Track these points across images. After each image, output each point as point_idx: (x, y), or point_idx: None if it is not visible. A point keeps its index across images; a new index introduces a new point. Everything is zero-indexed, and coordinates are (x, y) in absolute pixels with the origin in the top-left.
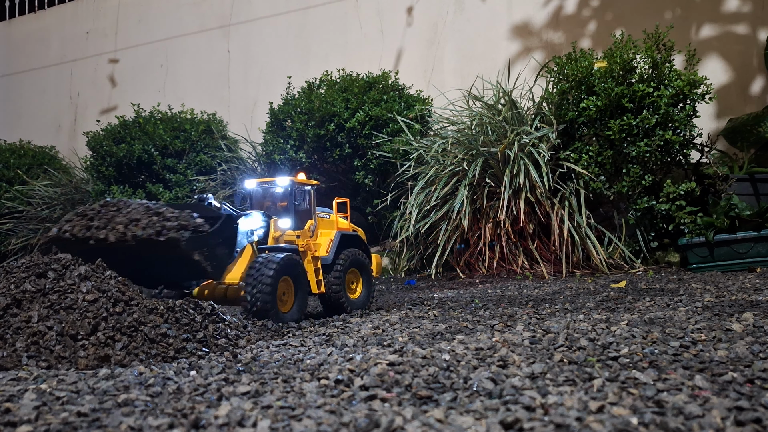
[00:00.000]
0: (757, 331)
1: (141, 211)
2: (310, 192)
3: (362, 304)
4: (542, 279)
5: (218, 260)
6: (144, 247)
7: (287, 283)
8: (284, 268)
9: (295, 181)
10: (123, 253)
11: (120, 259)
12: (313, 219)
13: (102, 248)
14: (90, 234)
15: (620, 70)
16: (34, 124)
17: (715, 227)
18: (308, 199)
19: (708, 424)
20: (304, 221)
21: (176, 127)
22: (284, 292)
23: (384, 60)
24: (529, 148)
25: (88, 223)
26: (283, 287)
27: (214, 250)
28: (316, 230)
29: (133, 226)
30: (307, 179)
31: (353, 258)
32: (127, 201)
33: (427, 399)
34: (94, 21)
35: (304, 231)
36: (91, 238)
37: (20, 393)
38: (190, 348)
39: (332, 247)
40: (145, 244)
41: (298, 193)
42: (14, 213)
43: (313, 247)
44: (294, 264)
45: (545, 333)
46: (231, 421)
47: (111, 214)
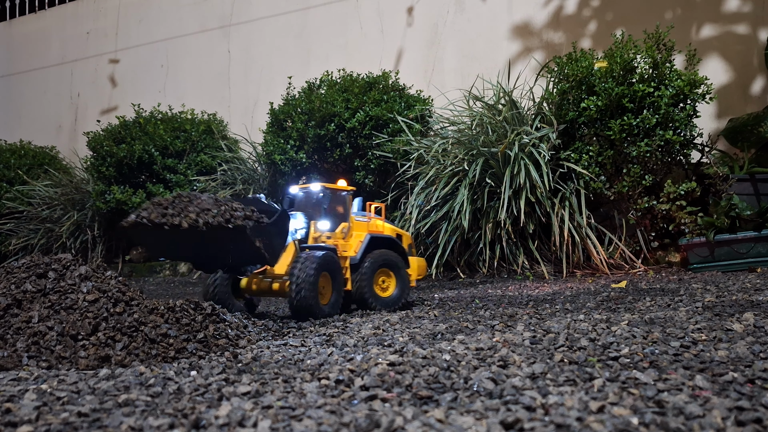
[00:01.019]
0: (758, 331)
1: (211, 202)
2: (347, 197)
3: (393, 303)
4: (543, 279)
5: (274, 249)
6: (212, 234)
7: (326, 278)
8: (324, 265)
9: (332, 188)
10: (192, 238)
11: (188, 244)
12: (348, 222)
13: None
14: (165, 220)
15: (621, 70)
16: (35, 125)
17: (716, 227)
18: (344, 203)
19: (708, 424)
20: (338, 224)
21: (177, 128)
22: (323, 287)
23: (384, 60)
24: (530, 148)
25: (163, 210)
26: (323, 282)
27: (272, 239)
28: (349, 232)
29: (204, 215)
30: (346, 186)
31: (383, 258)
32: (197, 194)
33: (427, 399)
34: (95, 21)
35: (335, 233)
36: (166, 224)
37: (21, 393)
38: (191, 348)
39: (361, 248)
40: (214, 230)
41: (334, 198)
42: (15, 213)
43: (343, 248)
44: (332, 261)
45: (546, 333)
46: (231, 422)
47: (184, 204)
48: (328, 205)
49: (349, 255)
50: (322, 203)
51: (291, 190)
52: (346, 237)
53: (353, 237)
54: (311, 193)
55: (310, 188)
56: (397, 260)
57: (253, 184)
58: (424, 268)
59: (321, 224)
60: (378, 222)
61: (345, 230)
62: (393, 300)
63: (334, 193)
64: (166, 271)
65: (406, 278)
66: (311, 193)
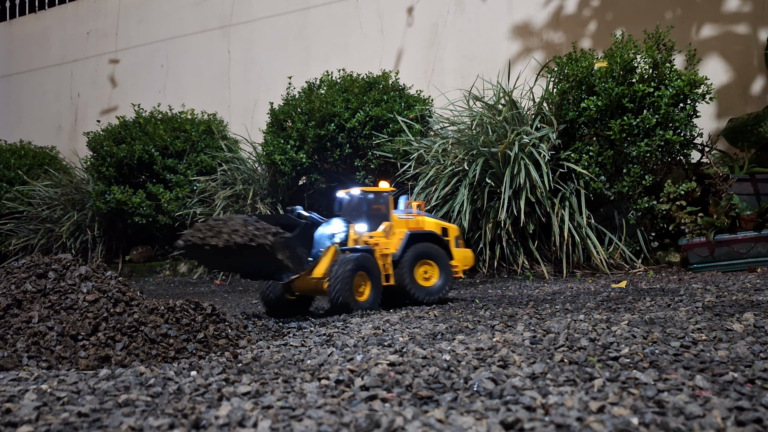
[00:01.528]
0: (758, 331)
1: (240, 223)
2: (388, 198)
3: (436, 292)
4: (543, 279)
5: (298, 258)
6: (243, 250)
7: (363, 277)
8: (359, 265)
9: (373, 191)
10: (228, 254)
11: (230, 258)
12: (389, 221)
13: (214, 251)
14: (205, 241)
15: (621, 70)
16: (35, 125)
17: (716, 227)
18: (386, 204)
19: (709, 424)
20: (379, 223)
21: (177, 128)
22: (360, 285)
23: (384, 60)
24: (530, 148)
25: (203, 233)
26: (360, 280)
27: (295, 251)
28: (391, 231)
29: (234, 235)
30: (388, 187)
31: (421, 251)
32: (232, 216)
33: (427, 399)
34: (95, 21)
35: (378, 232)
36: (206, 244)
37: (21, 393)
38: (191, 348)
39: (401, 245)
40: (243, 247)
41: (375, 200)
42: (15, 213)
43: (383, 246)
44: (368, 261)
45: (546, 333)
46: (231, 422)
47: (219, 227)
48: (370, 207)
49: (390, 252)
50: (362, 206)
51: (338, 195)
52: (388, 235)
53: (395, 235)
54: (354, 196)
55: (352, 192)
56: (438, 252)
57: (253, 184)
58: (470, 258)
59: (359, 227)
60: (421, 218)
61: (387, 229)
62: (436, 289)
63: (376, 195)
64: (166, 272)
65: (448, 269)
66: (354, 197)
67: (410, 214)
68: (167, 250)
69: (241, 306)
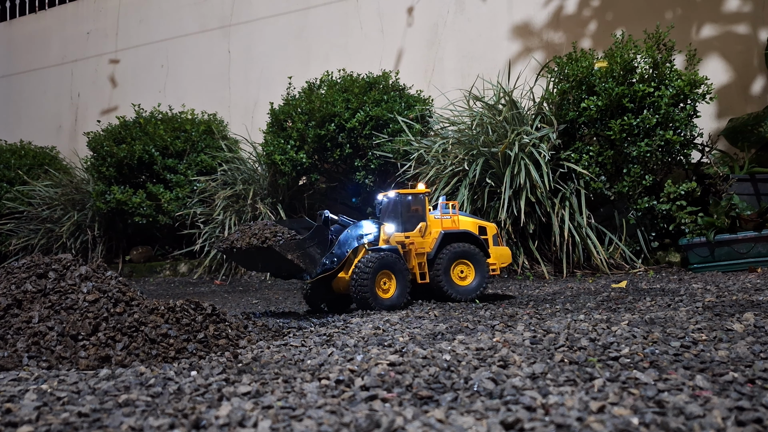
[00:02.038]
0: (758, 331)
1: (260, 227)
2: (424, 199)
3: (473, 290)
4: (543, 279)
5: (311, 258)
6: (260, 252)
7: (388, 275)
8: (381, 265)
9: (407, 193)
10: (253, 255)
11: (255, 259)
12: (425, 221)
13: (241, 253)
14: (233, 245)
15: (621, 70)
16: (35, 125)
17: (716, 227)
18: (422, 205)
19: (709, 425)
20: (416, 224)
21: (177, 128)
22: (385, 282)
23: (384, 60)
24: (530, 148)
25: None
26: (384, 279)
27: (306, 251)
28: (426, 231)
29: (253, 238)
30: (424, 189)
31: (458, 251)
32: (257, 222)
33: (427, 399)
34: (95, 21)
35: (414, 232)
36: (233, 247)
37: (21, 393)
38: (191, 348)
39: (435, 245)
40: (259, 249)
41: (411, 201)
42: (15, 213)
43: (418, 245)
44: (391, 260)
45: (546, 333)
46: (232, 422)
47: (245, 231)
48: (407, 208)
49: (426, 251)
50: (399, 207)
51: (378, 197)
52: (424, 235)
53: (430, 235)
54: (391, 198)
55: (389, 194)
56: (474, 251)
57: (254, 184)
58: (507, 255)
59: (388, 227)
60: (457, 218)
61: (423, 229)
62: (472, 288)
63: (412, 197)
64: (166, 272)
65: (485, 268)
66: (391, 199)
67: (446, 214)
68: (167, 250)
69: (242, 306)
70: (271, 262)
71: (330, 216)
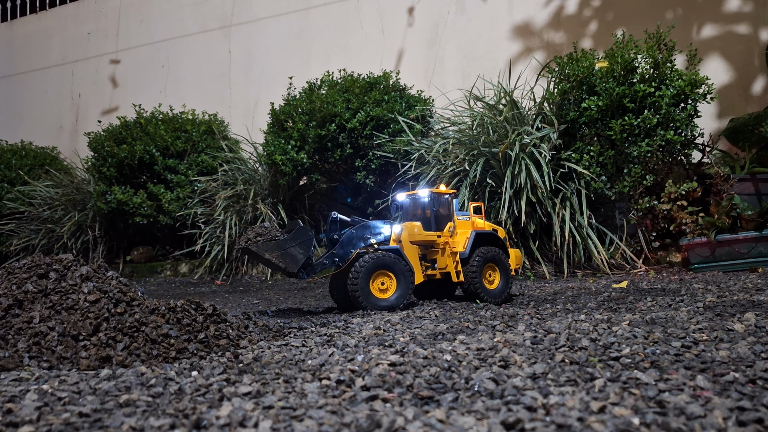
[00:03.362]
0: (759, 331)
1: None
2: (449, 199)
3: (499, 294)
4: (544, 279)
5: (292, 257)
6: (246, 251)
7: (388, 275)
8: (376, 265)
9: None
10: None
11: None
12: (452, 221)
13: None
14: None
15: (621, 70)
16: (36, 125)
17: (717, 227)
18: (447, 205)
19: (710, 425)
20: (444, 224)
21: (177, 128)
22: (383, 283)
23: (385, 60)
24: (531, 148)
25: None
26: (383, 279)
27: (287, 251)
28: (455, 230)
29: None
30: (447, 189)
31: (490, 254)
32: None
33: (428, 399)
34: (96, 22)
35: (444, 232)
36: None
37: (22, 393)
38: (192, 348)
39: (468, 244)
40: (245, 249)
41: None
42: (16, 214)
43: (452, 245)
44: (390, 261)
45: (547, 333)
46: (232, 422)
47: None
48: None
49: (458, 250)
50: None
51: (397, 198)
52: (453, 235)
53: (459, 234)
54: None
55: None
56: (500, 255)
57: (254, 184)
58: (520, 258)
59: (396, 227)
60: (477, 220)
61: (451, 229)
62: (499, 291)
63: (439, 197)
64: (167, 272)
65: (509, 270)
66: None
67: (465, 215)
68: (168, 250)
69: (242, 306)
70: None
71: (341, 217)
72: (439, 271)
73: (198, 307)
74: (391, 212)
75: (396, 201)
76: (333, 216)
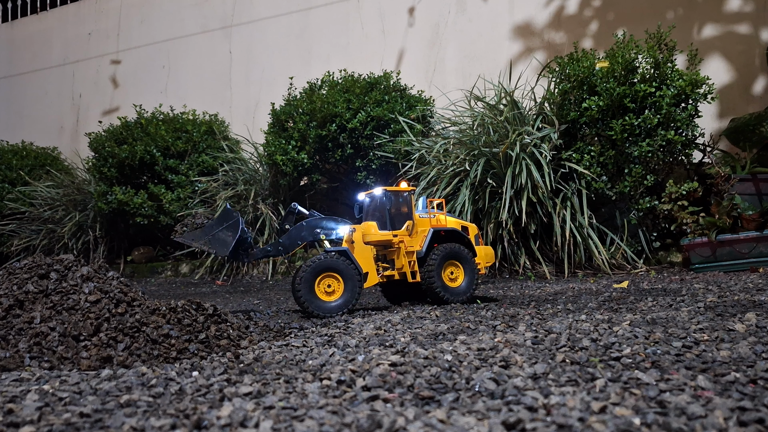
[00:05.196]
0: (760, 331)
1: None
2: (408, 197)
3: (463, 292)
4: (544, 279)
5: (221, 242)
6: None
7: (335, 277)
8: (322, 267)
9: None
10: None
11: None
12: (412, 220)
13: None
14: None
15: (622, 70)
16: (37, 126)
17: (718, 227)
18: (406, 203)
19: (711, 425)
20: (402, 223)
21: (178, 128)
22: (329, 285)
23: (386, 60)
24: (531, 148)
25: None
26: (329, 281)
27: (216, 236)
28: (414, 229)
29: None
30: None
31: (450, 251)
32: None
33: (429, 399)
34: (96, 22)
35: (401, 231)
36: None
37: (23, 394)
38: (193, 349)
39: (425, 242)
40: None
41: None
42: (17, 214)
43: (408, 244)
44: (336, 262)
45: (547, 333)
46: (233, 422)
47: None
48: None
49: (415, 249)
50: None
51: (359, 196)
52: (411, 233)
53: (418, 233)
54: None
55: (374, 192)
56: (463, 251)
57: (255, 184)
58: (491, 255)
59: (342, 228)
60: (442, 216)
61: (410, 227)
62: (462, 290)
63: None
64: (167, 272)
65: (474, 268)
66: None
67: (431, 213)
68: (169, 250)
69: (243, 306)
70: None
71: (299, 209)
72: (397, 271)
73: (199, 307)
74: (355, 212)
75: (357, 200)
76: (292, 206)
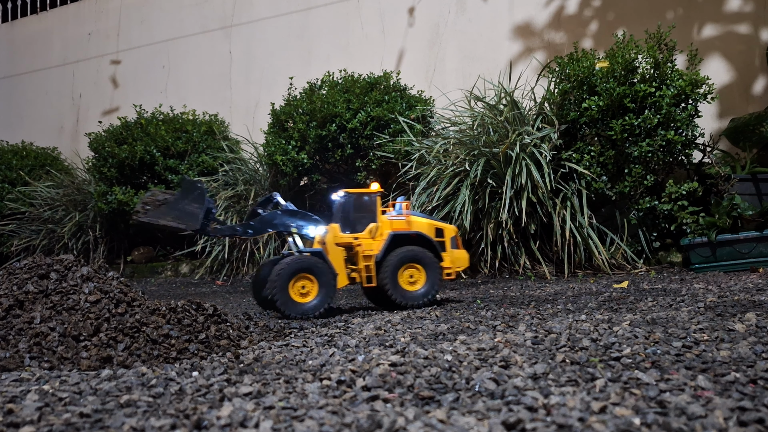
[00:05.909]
0: (760, 331)
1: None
2: (372, 199)
3: (420, 296)
4: (544, 279)
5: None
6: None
7: (309, 279)
8: (297, 268)
9: (356, 192)
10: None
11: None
12: (376, 222)
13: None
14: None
15: (622, 70)
16: (37, 126)
17: (718, 227)
18: (369, 206)
19: (711, 425)
20: (364, 226)
21: (178, 128)
22: (304, 286)
23: (385, 60)
24: (531, 148)
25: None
26: (304, 282)
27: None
28: (377, 232)
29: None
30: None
31: (407, 254)
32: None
33: (429, 399)
34: (96, 22)
35: (363, 234)
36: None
37: (23, 394)
38: (192, 349)
39: (383, 246)
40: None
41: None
42: (16, 214)
43: (366, 247)
44: (311, 264)
45: (547, 333)
46: (233, 422)
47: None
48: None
49: (374, 254)
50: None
51: (332, 197)
52: (374, 237)
53: (381, 236)
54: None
55: (340, 193)
56: (424, 255)
57: (255, 184)
58: (464, 259)
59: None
60: (413, 218)
61: (373, 231)
62: (420, 294)
63: (359, 196)
64: (167, 272)
65: (436, 272)
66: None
67: (401, 215)
68: (169, 250)
69: (243, 306)
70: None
71: (278, 199)
72: (357, 274)
73: (199, 307)
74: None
75: (332, 200)
76: (272, 194)
